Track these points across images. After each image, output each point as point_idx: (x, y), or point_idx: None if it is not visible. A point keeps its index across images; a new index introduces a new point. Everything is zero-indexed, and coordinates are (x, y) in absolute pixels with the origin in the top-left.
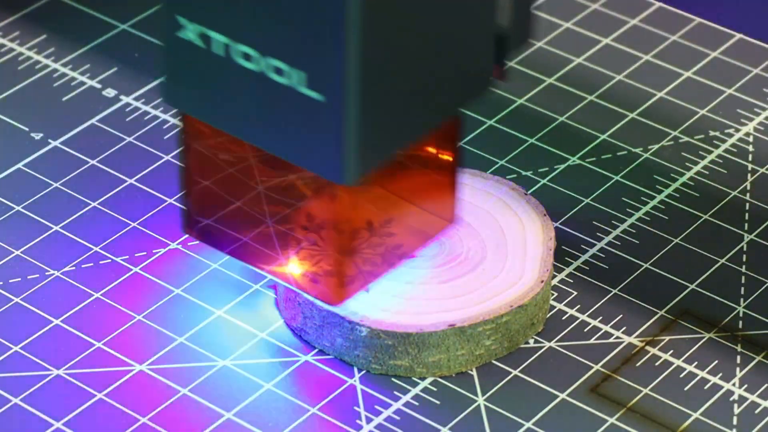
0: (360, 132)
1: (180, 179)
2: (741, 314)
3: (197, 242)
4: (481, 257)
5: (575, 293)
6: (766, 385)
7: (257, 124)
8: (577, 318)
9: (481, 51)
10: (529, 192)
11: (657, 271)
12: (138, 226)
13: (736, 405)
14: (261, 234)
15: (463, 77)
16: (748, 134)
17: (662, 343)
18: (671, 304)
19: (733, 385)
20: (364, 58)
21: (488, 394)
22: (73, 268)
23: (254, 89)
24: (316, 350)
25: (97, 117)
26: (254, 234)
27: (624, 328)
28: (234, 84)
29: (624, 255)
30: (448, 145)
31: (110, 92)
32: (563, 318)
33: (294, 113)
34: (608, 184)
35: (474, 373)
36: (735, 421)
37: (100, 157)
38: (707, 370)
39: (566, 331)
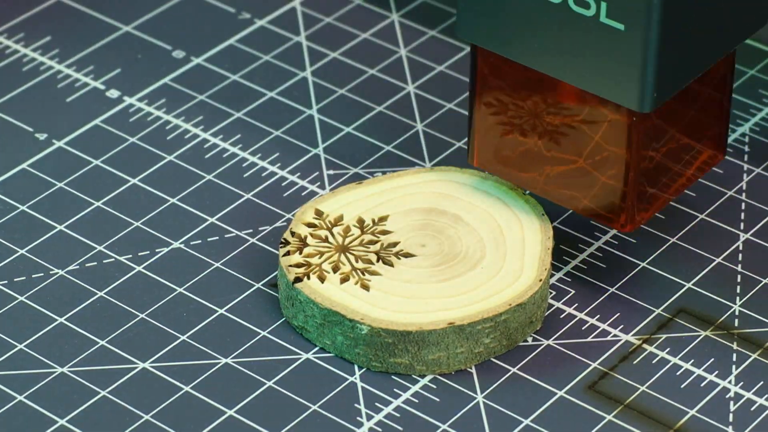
0: (659, 60)
1: (469, 112)
2: (737, 312)
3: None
4: (480, 256)
5: (573, 292)
6: (761, 383)
7: (555, 56)
8: (575, 316)
9: None
10: (528, 192)
11: (654, 269)
12: (141, 226)
13: (732, 402)
14: (545, 165)
15: (745, 11)
16: (743, 135)
17: (659, 341)
18: (668, 303)
19: (729, 382)
20: None
21: (487, 392)
22: (77, 266)
23: (553, 21)
24: (316, 348)
25: (101, 118)
26: (538, 165)
27: (621, 327)
28: (532, 16)
29: (621, 254)
30: (721, 80)
31: (114, 93)
32: (561, 316)
33: (593, 44)
34: None
35: (473, 370)
36: (731, 418)
37: (104, 157)
38: (703, 367)
39: (564, 329)
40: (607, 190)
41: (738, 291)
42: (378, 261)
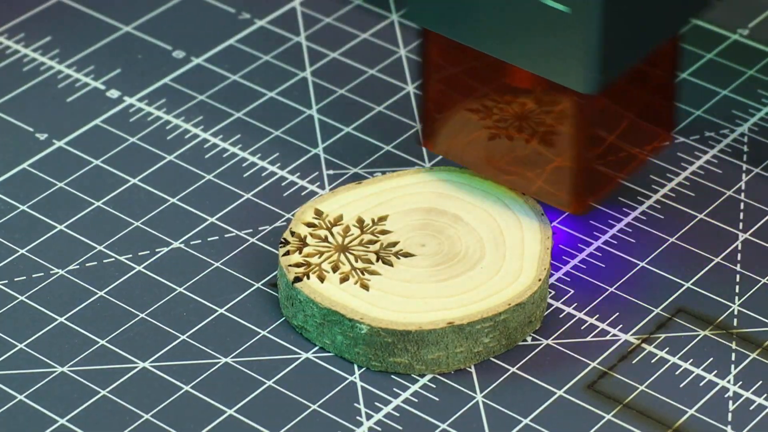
0: (604, 42)
1: (420, 97)
2: (736, 312)
3: (195, 242)
4: (479, 256)
5: (572, 291)
6: (760, 382)
7: (502, 38)
8: (574, 316)
9: None
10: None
11: (653, 269)
12: (141, 226)
13: (731, 402)
14: (497, 148)
15: None
16: (742, 135)
17: (658, 341)
18: (667, 302)
19: (728, 382)
20: None
21: (486, 391)
22: (78, 266)
23: (500, 3)
24: (316, 348)
25: (101, 118)
26: (491, 148)
27: (620, 326)
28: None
29: (620, 254)
30: (667, 64)
31: (114, 93)
32: (560, 316)
33: (540, 26)
34: None
35: (472, 370)
36: (730, 417)
37: (104, 157)
38: (702, 367)
39: (563, 328)
40: (559, 171)
41: (737, 291)
42: (377, 261)
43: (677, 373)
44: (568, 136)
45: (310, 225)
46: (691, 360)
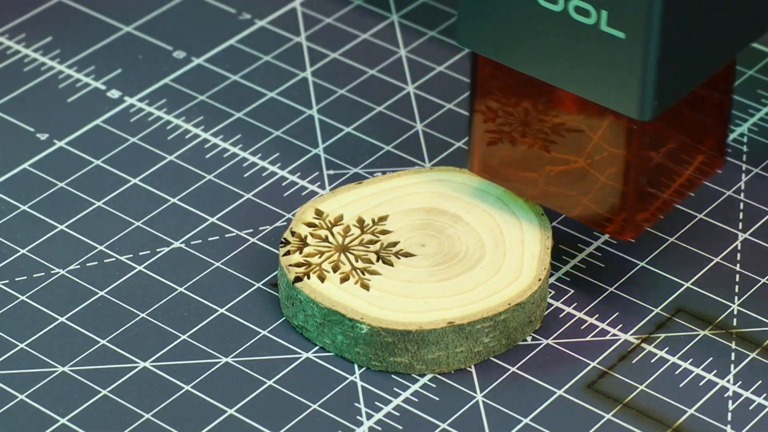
0: (659, 69)
1: (468, 119)
2: (735, 312)
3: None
4: (479, 255)
5: (572, 291)
6: (760, 382)
7: (555, 64)
8: (574, 316)
9: None
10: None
11: (653, 269)
12: (142, 225)
13: (730, 401)
14: (546, 172)
15: (746, 18)
16: (742, 135)
17: (658, 341)
18: (666, 302)
19: (728, 381)
20: None
21: (486, 391)
22: (78, 266)
23: (554, 29)
24: (316, 347)
25: (102, 118)
26: (539, 171)
27: (620, 326)
28: (533, 25)
29: (620, 254)
30: (723, 84)
31: (115, 93)
32: (560, 316)
33: (594, 52)
34: None
35: (473, 370)
36: (729, 417)
37: (105, 157)
38: (702, 367)
39: (563, 328)
40: (606, 193)
41: (736, 290)
42: (378, 260)
43: (677, 372)
44: (618, 157)
45: (310, 225)
46: (691, 360)
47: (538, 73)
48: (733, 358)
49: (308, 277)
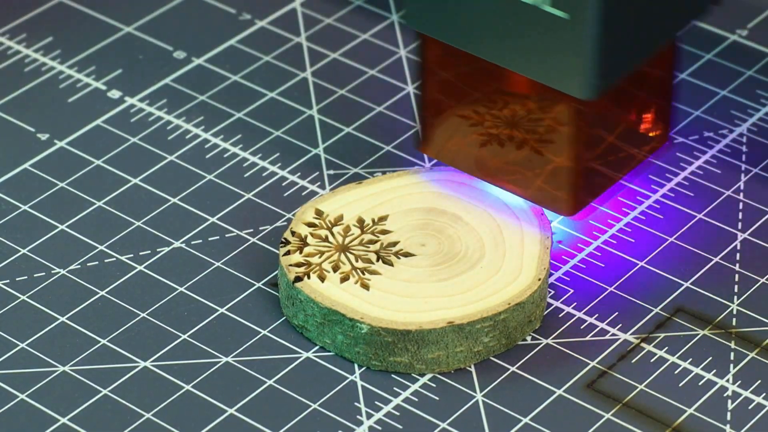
0: (602, 48)
1: (418, 100)
2: (735, 311)
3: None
4: (479, 255)
5: (572, 291)
6: (759, 381)
7: (500, 45)
8: (574, 315)
9: None
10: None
11: (652, 269)
12: (142, 225)
13: (730, 401)
14: (494, 151)
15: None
16: (741, 135)
17: (657, 340)
18: (666, 302)
19: (727, 381)
20: None
21: (486, 390)
22: (79, 266)
23: (498, 10)
24: (317, 347)
25: (102, 118)
26: (488, 151)
27: (620, 326)
28: (476, 4)
29: (620, 253)
30: (665, 65)
31: (115, 94)
32: (560, 315)
33: (537, 32)
34: None
35: (472, 369)
36: (729, 416)
37: (105, 157)
38: (701, 366)
39: (563, 328)
40: (558, 173)
41: (736, 290)
42: (378, 260)
43: (676, 372)
44: (567, 138)
45: (310, 225)
46: (690, 359)
47: (483, 52)
48: (732, 357)
49: (308, 277)
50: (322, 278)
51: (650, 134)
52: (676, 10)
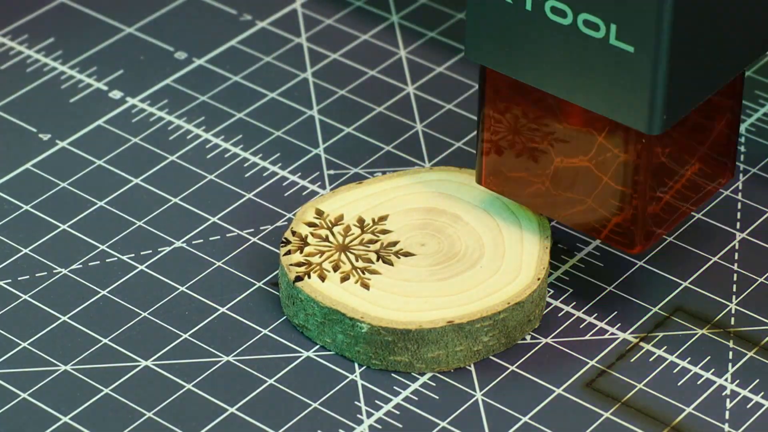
0: (668, 83)
1: (477, 134)
2: (733, 311)
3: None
4: (479, 255)
5: (571, 290)
6: (757, 380)
7: (564, 78)
8: (573, 315)
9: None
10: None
11: (651, 268)
12: (144, 225)
13: (728, 400)
14: (556, 186)
15: (752, 33)
16: (740, 135)
17: (656, 339)
18: (665, 301)
19: (726, 380)
20: (675, 10)
21: (486, 389)
22: (80, 266)
23: (563, 43)
24: (317, 346)
25: (104, 118)
26: (550, 186)
27: (618, 325)
28: (541, 38)
29: (619, 253)
30: (731, 99)
31: (116, 94)
32: (559, 315)
33: (602, 65)
34: None
35: (472, 368)
36: (727, 415)
37: (107, 157)
38: (700, 365)
39: (562, 327)
40: (614, 199)
41: (734, 290)
42: (378, 260)
43: (675, 371)
44: (632, 170)
45: (311, 225)
46: (689, 358)
47: (547, 86)
48: (730, 356)
49: (309, 277)
50: (322, 278)
51: (717, 166)
52: (743, 43)
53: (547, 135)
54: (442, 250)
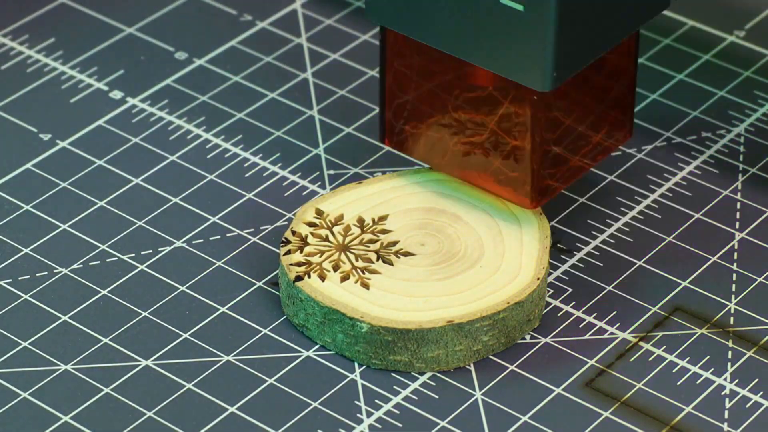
0: (558, 40)
1: (380, 93)
2: (732, 311)
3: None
4: (479, 255)
5: (571, 290)
6: (756, 380)
7: (459, 37)
8: (573, 314)
9: None
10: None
11: (650, 268)
12: (144, 225)
13: (727, 399)
14: (455, 142)
15: None
16: (739, 135)
17: (655, 339)
18: (664, 301)
19: (725, 379)
20: None
21: (486, 389)
22: (81, 265)
23: (456, 2)
24: (317, 346)
25: (104, 118)
26: (448, 141)
27: (618, 324)
28: None
29: (618, 253)
30: (626, 58)
31: (117, 94)
32: (559, 314)
33: (495, 24)
34: (603, 184)
35: (472, 368)
36: (726, 415)
37: (107, 157)
38: (699, 365)
39: (562, 327)
40: (514, 157)
41: (733, 289)
42: (378, 260)
43: (674, 370)
44: (525, 124)
45: (311, 224)
46: (688, 358)
47: (443, 45)
48: (729, 356)
49: (309, 276)
50: (322, 277)
51: (611, 127)
52: (637, 4)
53: (450, 99)
54: (442, 250)
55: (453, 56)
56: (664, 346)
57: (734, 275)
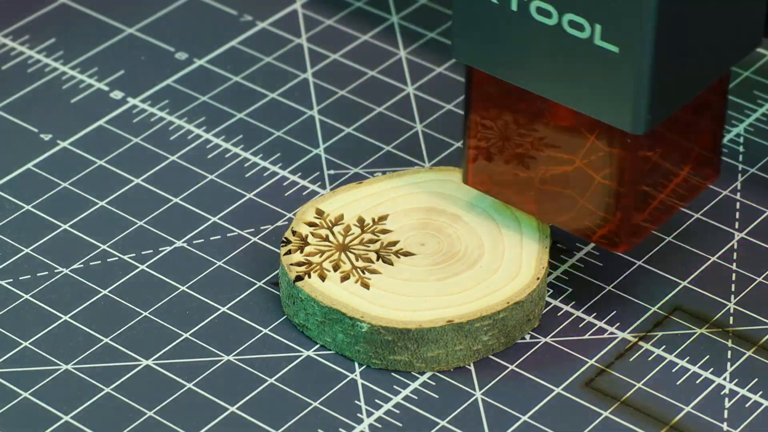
0: (652, 82)
1: (463, 133)
2: (732, 310)
3: (208, 240)
4: (478, 254)
5: (570, 290)
6: (756, 380)
7: (549, 78)
8: (572, 314)
9: (754, 9)
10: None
11: (650, 268)
12: (144, 225)
13: (727, 399)
14: (543, 186)
15: (738, 34)
16: (738, 135)
17: (655, 339)
18: (664, 301)
19: (724, 379)
20: (660, 11)
21: (485, 389)
22: (82, 265)
23: (548, 43)
24: (317, 346)
25: (105, 119)
26: (537, 186)
27: (618, 324)
28: (527, 39)
29: (618, 253)
30: (717, 98)
31: (118, 95)
32: (559, 314)
33: (587, 65)
34: None
35: (472, 367)
36: (726, 414)
37: (108, 157)
38: (699, 364)
39: (561, 326)
40: (602, 194)
41: (733, 289)
42: (378, 260)
43: (674, 370)
44: (618, 172)
45: (311, 224)
46: (688, 358)
47: (532, 86)
48: (729, 356)
49: (309, 276)
50: (322, 277)
51: (703, 163)
52: (728, 44)
53: (535, 138)
54: (442, 250)
55: (542, 100)
56: (664, 346)
57: (734, 275)
